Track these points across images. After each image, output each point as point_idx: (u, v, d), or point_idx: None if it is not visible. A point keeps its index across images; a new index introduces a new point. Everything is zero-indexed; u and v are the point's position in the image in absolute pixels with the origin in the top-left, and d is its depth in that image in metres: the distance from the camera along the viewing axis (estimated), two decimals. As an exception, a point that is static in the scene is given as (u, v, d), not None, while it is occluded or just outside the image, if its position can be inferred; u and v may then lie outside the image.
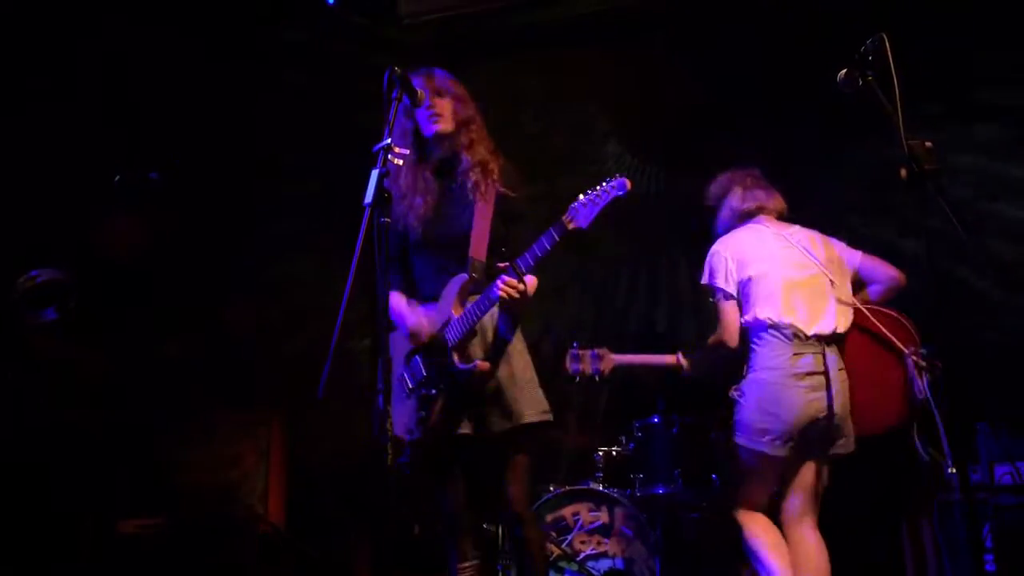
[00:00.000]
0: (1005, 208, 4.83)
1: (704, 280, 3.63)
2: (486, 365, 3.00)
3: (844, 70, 2.57)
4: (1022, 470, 3.76)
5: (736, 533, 3.62)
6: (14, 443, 3.53)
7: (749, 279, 3.47)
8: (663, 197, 5.70)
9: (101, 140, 4.73)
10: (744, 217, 3.69)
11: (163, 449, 4.69)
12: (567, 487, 4.42)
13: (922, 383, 3.37)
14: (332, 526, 4.97)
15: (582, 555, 4.26)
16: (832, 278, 3.47)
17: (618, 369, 3.94)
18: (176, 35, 5.12)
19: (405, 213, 3.15)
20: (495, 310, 3.01)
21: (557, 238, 2.84)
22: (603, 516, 4.33)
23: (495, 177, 3.13)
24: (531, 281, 3.02)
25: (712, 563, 4.64)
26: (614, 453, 4.60)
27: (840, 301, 3.44)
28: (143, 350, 4.49)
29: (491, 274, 3.00)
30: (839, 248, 3.64)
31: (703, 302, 5.65)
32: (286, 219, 5.52)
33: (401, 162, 2.95)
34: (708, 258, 3.64)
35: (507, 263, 2.89)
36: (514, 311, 3.04)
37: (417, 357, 3.09)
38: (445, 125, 3.16)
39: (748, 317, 3.47)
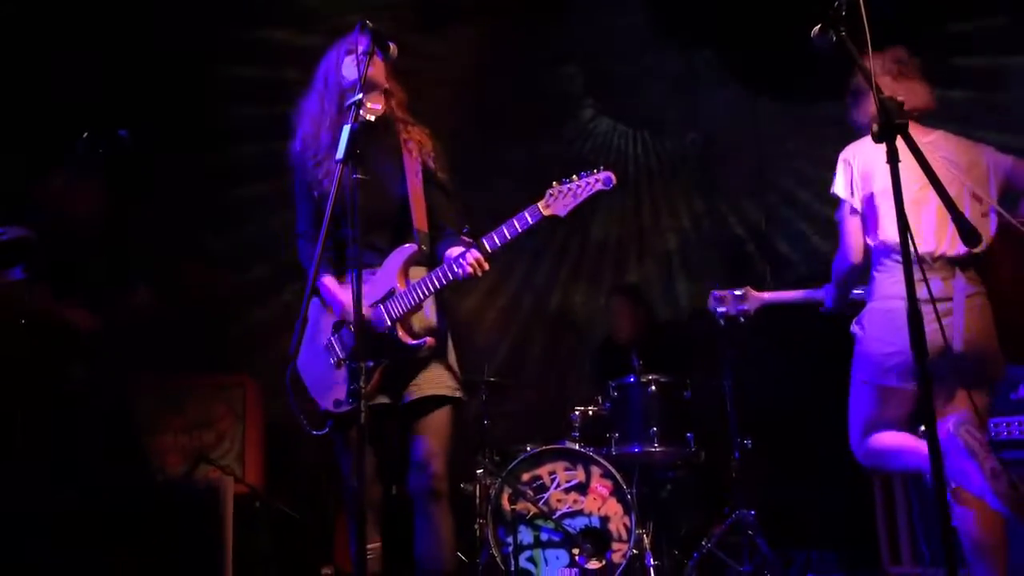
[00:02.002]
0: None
1: (832, 188, 3.22)
2: (433, 341, 2.90)
3: (818, 26, 2.53)
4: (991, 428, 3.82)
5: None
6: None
7: (873, 194, 3.08)
8: (643, 158, 5.70)
9: (69, 99, 4.66)
10: None
11: (139, 411, 4.67)
12: (544, 446, 4.45)
13: None
14: (310, 487, 4.98)
15: (558, 513, 4.30)
16: (976, 191, 3.08)
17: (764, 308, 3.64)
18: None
19: (322, 179, 2.96)
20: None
21: (532, 223, 2.73)
22: (579, 475, 4.37)
23: (427, 149, 3.02)
24: None
25: (687, 520, 4.71)
26: (590, 412, 4.63)
27: (983, 215, 3.07)
28: (114, 313, 4.45)
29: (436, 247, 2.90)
30: (988, 155, 3.19)
31: (686, 256, 5.76)
32: (259, 181, 5.48)
33: (374, 118, 2.91)
34: (837, 165, 3.23)
35: (469, 237, 2.78)
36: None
37: (347, 327, 2.92)
38: (378, 77, 2.99)
39: (872, 240, 3.11)
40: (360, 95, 2.58)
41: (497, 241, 2.77)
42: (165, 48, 5.16)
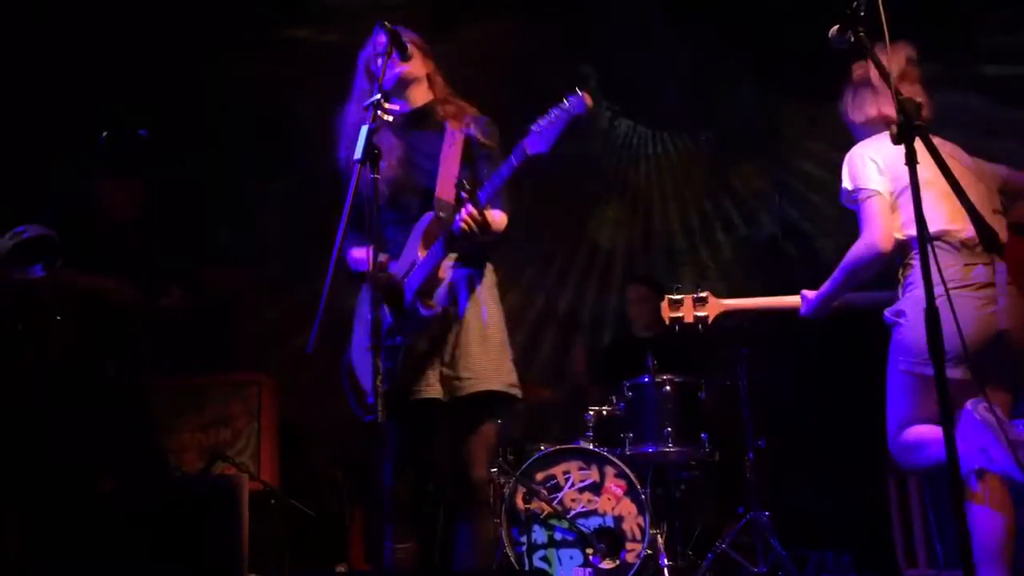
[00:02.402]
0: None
1: (846, 185, 3.10)
2: (440, 310, 2.83)
3: (836, 26, 2.53)
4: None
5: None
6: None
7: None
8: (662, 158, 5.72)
9: (85, 98, 4.70)
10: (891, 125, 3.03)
11: (157, 409, 4.71)
12: (558, 446, 4.45)
13: None
14: (324, 485, 5.00)
15: (572, 513, 4.30)
16: (989, 188, 3.09)
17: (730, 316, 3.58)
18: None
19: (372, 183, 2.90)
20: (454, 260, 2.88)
21: (516, 164, 2.69)
22: (593, 474, 4.37)
23: (467, 121, 3.02)
24: (499, 216, 2.89)
25: (701, 520, 4.70)
26: (604, 412, 4.63)
27: (996, 212, 3.06)
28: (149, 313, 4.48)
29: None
30: (982, 162, 3.21)
31: (705, 256, 5.74)
32: (273, 179, 5.50)
33: (391, 118, 2.92)
34: (848, 162, 3.12)
35: (467, 195, 2.77)
36: (477, 247, 2.88)
37: (385, 305, 2.87)
38: (415, 70, 3.02)
39: (908, 230, 2.99)
40: (378, 96, 2.59)
41: (489, 191, 2.75)
42: (179, 47, 5.19)
